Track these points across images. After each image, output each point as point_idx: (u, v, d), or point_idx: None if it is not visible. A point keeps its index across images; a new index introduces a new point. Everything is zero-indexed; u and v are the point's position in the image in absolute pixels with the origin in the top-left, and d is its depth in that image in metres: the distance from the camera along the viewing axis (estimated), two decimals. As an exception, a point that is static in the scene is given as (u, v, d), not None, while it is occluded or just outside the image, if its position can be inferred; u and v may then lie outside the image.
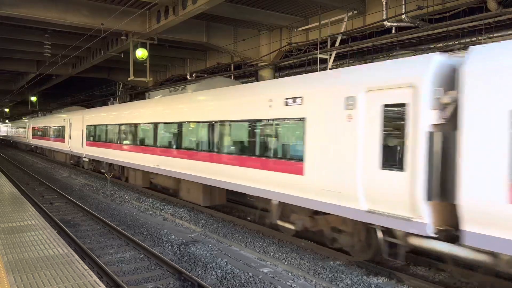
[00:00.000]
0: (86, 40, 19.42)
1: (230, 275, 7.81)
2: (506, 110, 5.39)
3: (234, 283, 7.44)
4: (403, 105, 6.58)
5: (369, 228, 7.68)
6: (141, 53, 16.10)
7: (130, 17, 15.32)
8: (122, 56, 19.73)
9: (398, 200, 6.61)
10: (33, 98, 39.63)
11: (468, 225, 5.80)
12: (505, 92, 5.40)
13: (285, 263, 8.54)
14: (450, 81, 6.30)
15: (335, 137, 7.65)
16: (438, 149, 6.20)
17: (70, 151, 26.45)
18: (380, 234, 7.32)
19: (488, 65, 5.64)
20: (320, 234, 9.11)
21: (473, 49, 5.92)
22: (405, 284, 7.44)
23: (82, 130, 23.24)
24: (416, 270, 8.28)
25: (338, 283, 7.50)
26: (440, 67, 6.40)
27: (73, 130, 25.48)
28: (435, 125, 6.27)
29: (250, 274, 7.84)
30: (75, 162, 27.73)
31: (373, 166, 6.98)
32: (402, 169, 6.54)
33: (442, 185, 6.18)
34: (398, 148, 6.64)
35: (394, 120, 6.73)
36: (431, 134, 6.20)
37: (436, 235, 6.35)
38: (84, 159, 24.02)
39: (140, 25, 16.39)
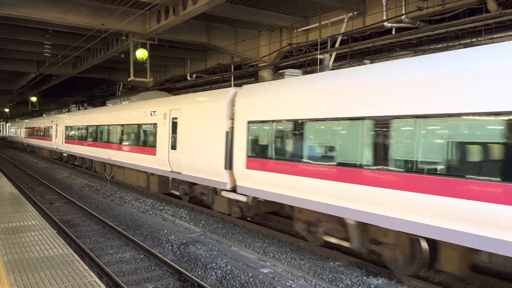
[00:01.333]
0: (87, 40, 19.45)
1: (230, 275, 7.81)
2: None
3: (234, 283, 7.45)
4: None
5: None
6: (141, 54, 16.13)
7: (130, 17, 15.34)
8: (122, 56, 19.76)
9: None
10: (33, 98, 39.67)
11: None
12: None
13: (285, 264, 8.55)
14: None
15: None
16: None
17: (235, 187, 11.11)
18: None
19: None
20: None
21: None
22: (404, 285, 7.44)
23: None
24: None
25: (338, 283, 7.50)
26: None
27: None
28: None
29: (250, 274, 7.85)
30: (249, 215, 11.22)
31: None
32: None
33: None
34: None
35: None
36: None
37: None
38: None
39: (140, 26, 16.41)
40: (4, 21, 16.93)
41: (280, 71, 10.57)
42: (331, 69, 9.68)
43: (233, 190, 10.92)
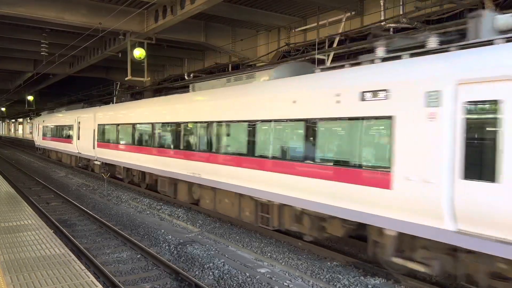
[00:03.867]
0: (84, 40, 19.36)
1: (227, 275, 7.80)
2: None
3: (231, 283, 7.43)
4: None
5: None
6: (139, 53, 16.10)
7: (128, 16, 15.29)
8: (120, 55, 19.69)
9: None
10: (30, 97, 39.55)
11: None
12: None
13: (283, 264, 8.54)
14: None
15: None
16: None
17: None
18: None
19: None
20: None
21: None
22: (402, 285, 7.45)
23: None
24: (413, 270, 8.29)
25: (335, 283, 7.50)
26: None
27: None
28: None
29: (247, 274, 7.84)
30: None
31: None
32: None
33: None
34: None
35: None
36: None
37: None
38: None
39: (138, 25, 16.37)
40: (1, 19, 16.86)
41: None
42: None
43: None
